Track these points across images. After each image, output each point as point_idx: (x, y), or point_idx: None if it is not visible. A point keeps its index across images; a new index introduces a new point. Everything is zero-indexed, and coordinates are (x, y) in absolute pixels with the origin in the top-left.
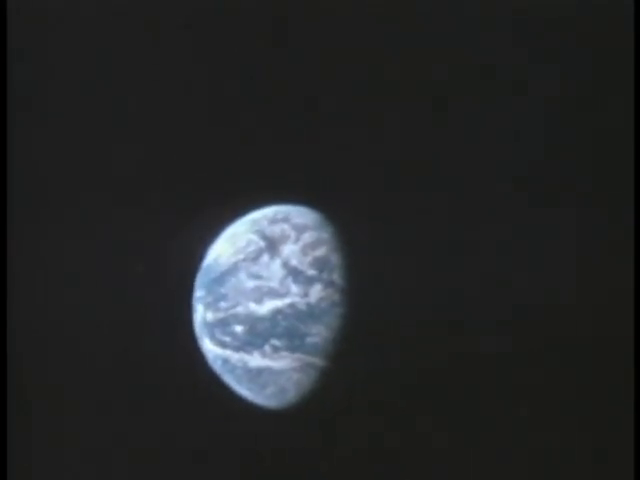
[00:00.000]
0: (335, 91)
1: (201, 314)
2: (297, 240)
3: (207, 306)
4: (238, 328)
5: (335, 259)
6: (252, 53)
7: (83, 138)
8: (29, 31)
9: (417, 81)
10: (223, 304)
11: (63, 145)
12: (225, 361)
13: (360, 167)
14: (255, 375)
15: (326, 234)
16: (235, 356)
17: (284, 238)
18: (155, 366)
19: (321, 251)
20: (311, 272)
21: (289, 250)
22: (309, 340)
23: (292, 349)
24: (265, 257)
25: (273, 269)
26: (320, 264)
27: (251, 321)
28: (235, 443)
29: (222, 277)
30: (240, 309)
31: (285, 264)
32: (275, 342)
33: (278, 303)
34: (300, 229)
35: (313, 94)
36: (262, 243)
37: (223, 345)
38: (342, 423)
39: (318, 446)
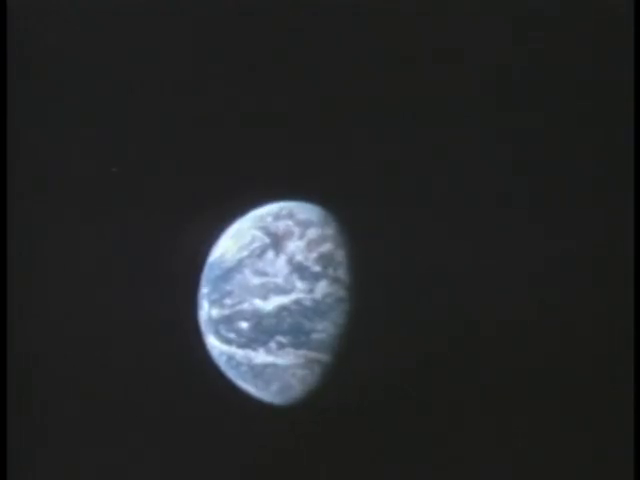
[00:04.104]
0: (340, 88)
1: (206, 311)
2: (302, 236)
3: (212, 303)
4: (243, 325)
5: (340, 255)
6: (255, 51)
7: (84, 137)
8: (29, 31)
9: (418, 80)
10: (228, 301)
11: (63, 144)
12: (230, 357)
13: (364, 163)
14: (260, 371)
15: (331, 230)
16: (240, 352)
17: (289, 234)
18: (160, 363)
19: (326, 247)
20: (316, 268)
21: (294, 246)
22: (314, 336)
23: (297, 345)
24: (270, 253)
25: (278, 265)
26: (325, 260)
27: (256, 318)
28: (240, 440)
29: (227, 274)
30: (245, 306)
31: (290, 260)
32: (280, 338)
33: (283, 299)
34: (305, 225)
35: (318, 91)
36: (267, 239)
37: (228, 342)
38: (347, 420)
39: (323, 442)
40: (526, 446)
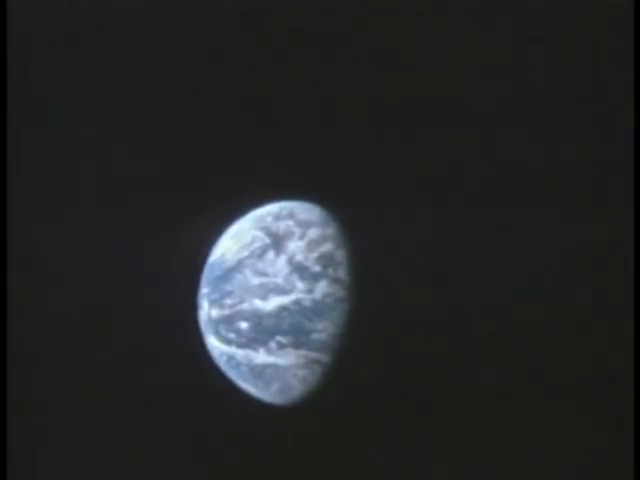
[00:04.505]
0: (340, 88)
1: (206, 311)
2: (302, 236)
3: (212, 303)
4: (243, 325)
5: (340, 255)
6: (255, 51)
7: (84, 137)
8: (29, 31)
9: (419, 81)
10: (228, 301)
11: (63, 144)
12: (230, 358)
13: (364, 163)
14: (260, 372)
15: (331, 230)
16: (240, 353)
17: (289, 234)
18: (160, 363)
19: (326, 247)
20: (316, 268)
21: (294, 246)
22: (314, 337)
23: (297, 346)
24: (270, 254)
25: (278, 266)
26: (325, 260)
27: (256, 318)
28: (240, 440)
29: (227, 274)
30: (245, 306)
31: (290, 260)
32: (280, 339)
33: (283, 300)
34: (305, 225)
35: (319, 91)
36: (267, 240)
37: (228, 342)
38: (347, 420)
39: (323, 442)
40: (526, 446)
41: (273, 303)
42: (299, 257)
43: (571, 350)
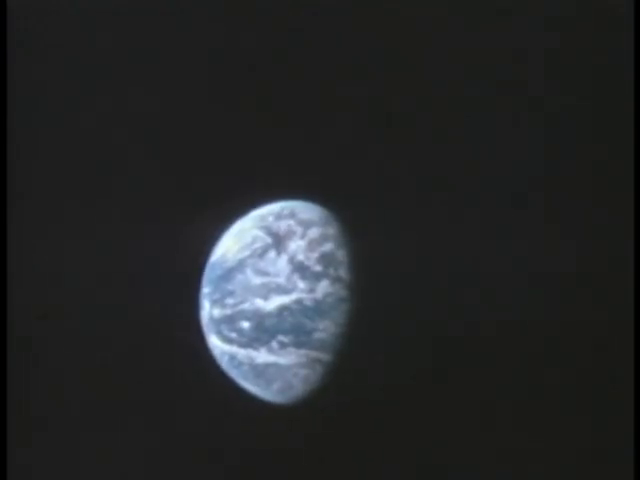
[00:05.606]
0: (340, 88)
1: (208, 311)
2: (303, 236)
3: (214, 303)
4: (245, 324)
5: (341, 255)
6: (255, 51)
7: (83, 137)
8: (29, 31)
9: (419, 81)
10: (230, 300)
11: (63, 144)
12: (232, 357)
13: (365, 162)
14: (262, 371)
15: (332, 229)
16: (242, 352)
17: (290, 234)
18: (162, 363)
19: (327, 247)
20: (318, 268)
21: (296, 246)
22: (316, 336)
23: (299, 345)
24: (272, 253)
25: (280, 265)
26: (327, 260)
27: (258, 317)
28: (242, 439)
29: (229, 273)
30: (247, 305)
31: (292, 260)
32: (282, 338)
33: (285, 299)
34: (306, 225)
35: (320, 91)
36: (268, 239)
37: (230, 341)
38: (348, 419)
39: (325, 441)
40: (526, 446)
41: (274, 303)
42: (300, 257)
43: (571, 351)
